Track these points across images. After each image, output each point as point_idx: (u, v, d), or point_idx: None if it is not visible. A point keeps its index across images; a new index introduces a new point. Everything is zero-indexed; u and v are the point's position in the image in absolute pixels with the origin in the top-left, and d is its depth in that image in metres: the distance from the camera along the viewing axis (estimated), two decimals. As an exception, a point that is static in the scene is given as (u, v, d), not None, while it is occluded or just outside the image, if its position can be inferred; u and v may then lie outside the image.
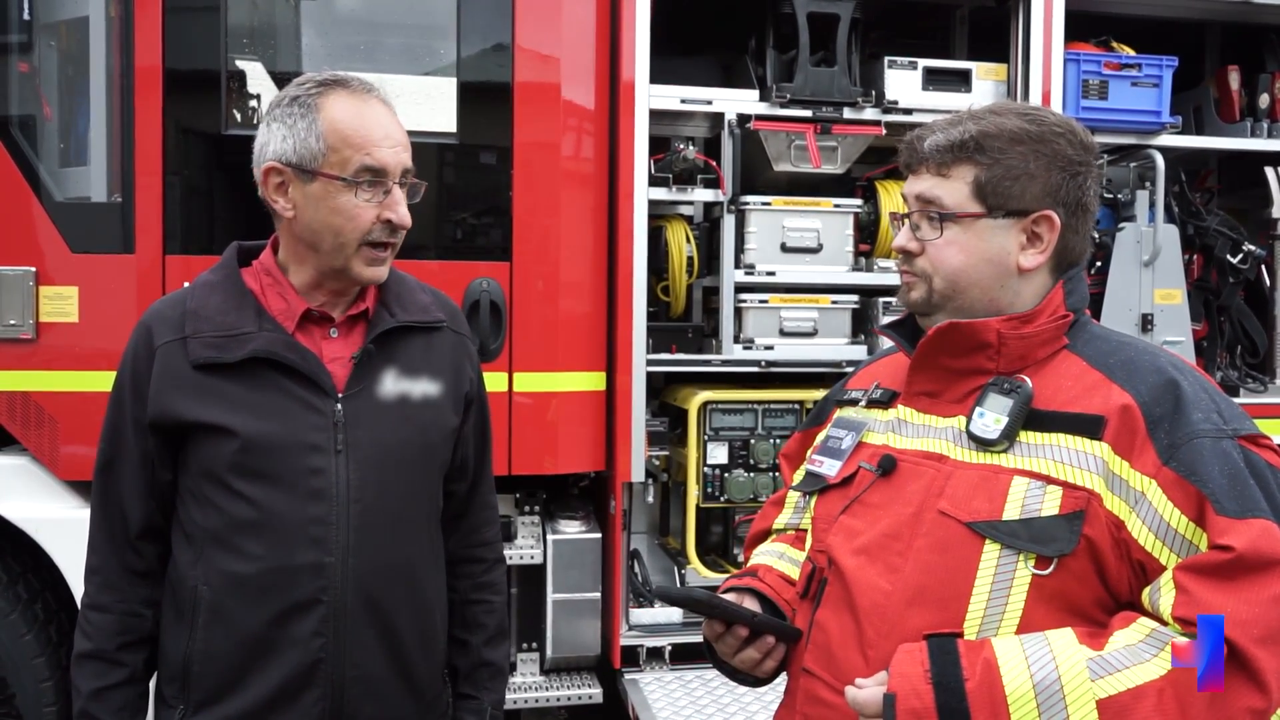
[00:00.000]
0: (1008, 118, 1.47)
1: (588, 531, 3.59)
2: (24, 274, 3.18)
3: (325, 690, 1.65)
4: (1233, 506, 1.25)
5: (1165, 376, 1.36)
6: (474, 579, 1.95)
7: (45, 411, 3.21)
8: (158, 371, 1.66)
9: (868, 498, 1.49)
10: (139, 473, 1.70)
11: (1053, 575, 1.31)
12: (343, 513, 1.66)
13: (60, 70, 3.40)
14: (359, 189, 1.64)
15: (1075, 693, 1.22)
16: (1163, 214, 3.91)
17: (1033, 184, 1.45)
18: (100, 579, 1.73)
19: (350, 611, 1.66)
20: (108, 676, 1.70)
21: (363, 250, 1.68)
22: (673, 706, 3.33)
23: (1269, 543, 1.23)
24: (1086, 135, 1.51)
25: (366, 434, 1.69)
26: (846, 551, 1.46)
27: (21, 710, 3.25)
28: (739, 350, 3.67)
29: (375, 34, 3.50)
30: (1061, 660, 1.24)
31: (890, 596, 1.39)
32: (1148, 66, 3.87)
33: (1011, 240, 1.46)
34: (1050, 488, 1.33)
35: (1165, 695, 1.20)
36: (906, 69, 3.75)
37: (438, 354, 1.82)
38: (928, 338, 1.49)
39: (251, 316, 1.69)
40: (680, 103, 3.62)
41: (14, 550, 3.30)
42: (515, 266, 3.42)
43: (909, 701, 1.27)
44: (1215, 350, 4.16)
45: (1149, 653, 1.23)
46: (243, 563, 1.64)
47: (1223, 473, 1.27)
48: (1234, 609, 1.20)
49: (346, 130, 1.63)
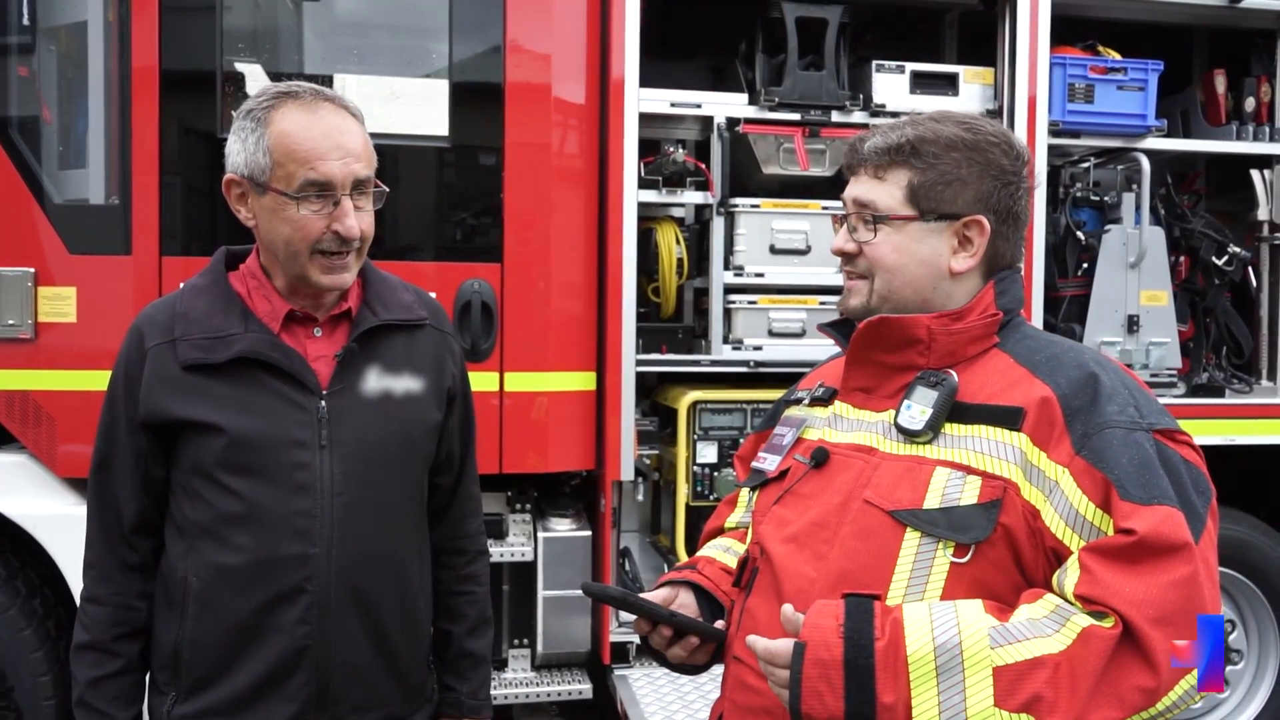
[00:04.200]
0: (946, 125, 1.51)
1: (578, 529, 3.64)
2: (23, 275, 3.23)
3: (310, 675, 1.71)
4: (1138, 493, 1.29)
5: (1086, 371, 1.41)
6: (457, 570, 2.00)
7: (44, 410, 3.26)
8: (149, 373, 1.72)
9: (799, 489, 1.54)
10: (132, 470, 1.76)
11: (970, 563, 1.35)
12: (327, 506, 1.71)
13: (59, 74, 3.45)
14: (303, 203, 1.66)
15: (974, 658, 1.25)
16: (1149, 216, 3.95)
17: (965, 190, 1.49)
18: (96, 573, 1.79)
19: (334, 600, 1.72)
20: (104, 666, 1.76)
21: (315, 258, 1.70)
22: (660, 702, 3.38)
23: (1171, 528, 1.27)
24: (1021, 146, 1.55)
25: (350, 430, 1.74)
26: (777, 540, 1.51)
27: (20, 704, 3.29)
28: (728, 351, 3.71)
29: (369, 36, 3.55)
30: (965, 626, 1.28)
31: (814, 583, 1.42)
32: (1133, 70, 3.90)
33: (943, 243, 1.50)
34: (970, 478, 1.37)
35: (1060, 669, 1.24)
36: (894, 73, 3.80)
37: (420, 351, 1.87)
38: (859, 330, 1.53)
39: (238, 318, 1.74)
40: (670, 106, 3.67)
41: (13, 546, 3.35)
42: (506, 268, 3.46)
43: (818, 651, 1.29)
44: (1201, 351, 4.19)
45: (1051, 627, 1.27)
46: (231, 554, 1.69)
47: (1131, 461, 1.31)
48: (1132, 590, 1.24)
49: (291, 144, 1.65)
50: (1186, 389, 4.03)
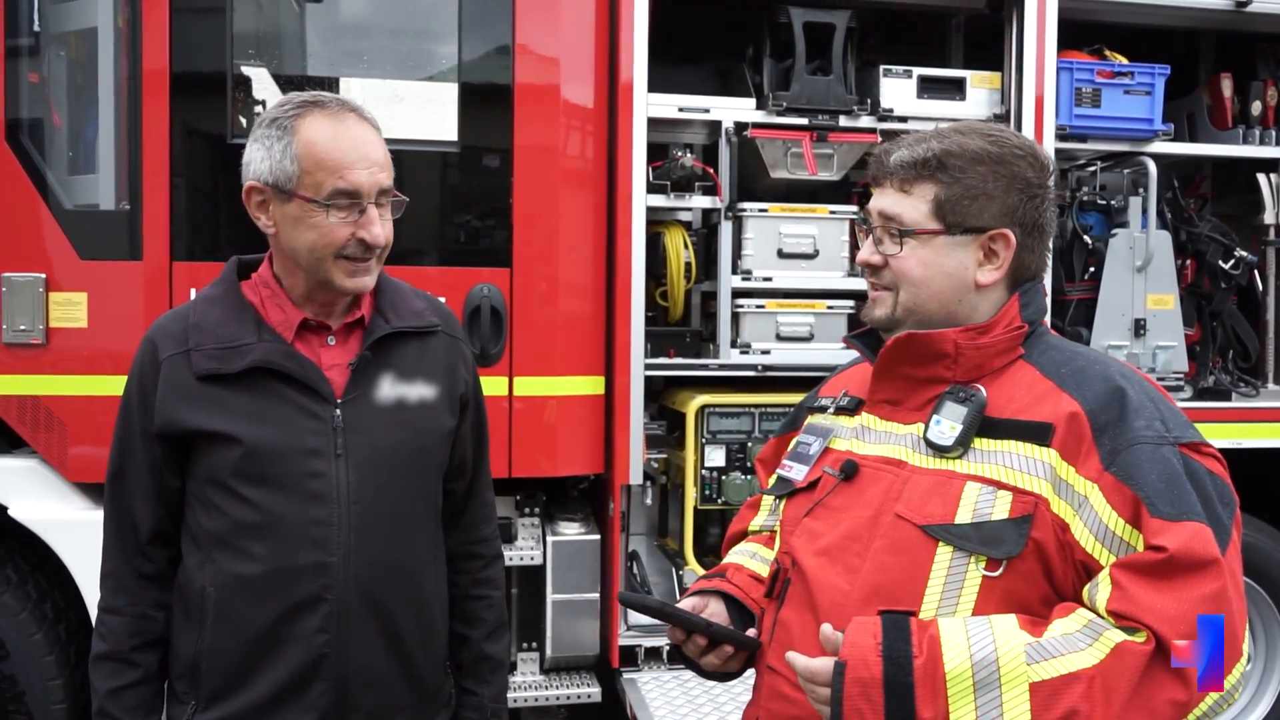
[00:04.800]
0: (972, 138, 1.51)
1: (587, 533, 3.64)
2: (34, 280, 3.23)
3: (330, 684, 1.72)
4: (1167, 509, 1.30)
5: (1113, 385, 1.42)
6: (473, 575, 2.01)
7: (54, 415, 3.26)
8: (163, 384, 1.73)
9: (830, 501, 1.54)
10: (148, 481, 1.76)
11: (1002, 576, 1.36)
12: (343, 514, 1.72)
13: (69, 80, 3.47)
14: (331, 210, 1.68)
15: (1011, 674, 1.27)
16: (1155, 220, 3.95)
17: (991, 204, 1.49)
18: (113, 583, 1.79)
19: (352, 608, 1.72)
20: (123, 676, 1.76)
21: (339, 262, 1.72)
22: (669, 705, 3.39)
23: (1200, 544, 1.29)
24: (1047, 158, 1.56)
25: (364, 438, 1.75)
26: (809, 553, 1.52)
27: (31, 708, 3.30)
28: (736, 355, 3.72)
29: (378, 39, 3.56)
30: (1001, 642, 1.29)
31: (848, 596, 1.44)
32: (1140, 74, 3.92)
33: (969, 256, 1.51)
34: (1001, 493, 1.38)
35: (1095, 683, 1.25)
36: (901, 77, 3.80)
37: (432, 358, 1.88)
38: (887, 347, 1.54)
39: (251, 328, 1.74)
40: (678, 110, 3.68)
41: (22, 550, 3.36)
42: (515, 272, 3.47)
43: (858, 671, 1.31)
44: (1208, 355, 4.20)
45: (1084, 642, 1.29)
46: (248, 564, 1.70)
47: (1160, 477, 1.33)
48: (1163, 606, 1.26)
49: (320, 153, 1.67)
50: (1193, 393, 4.03)
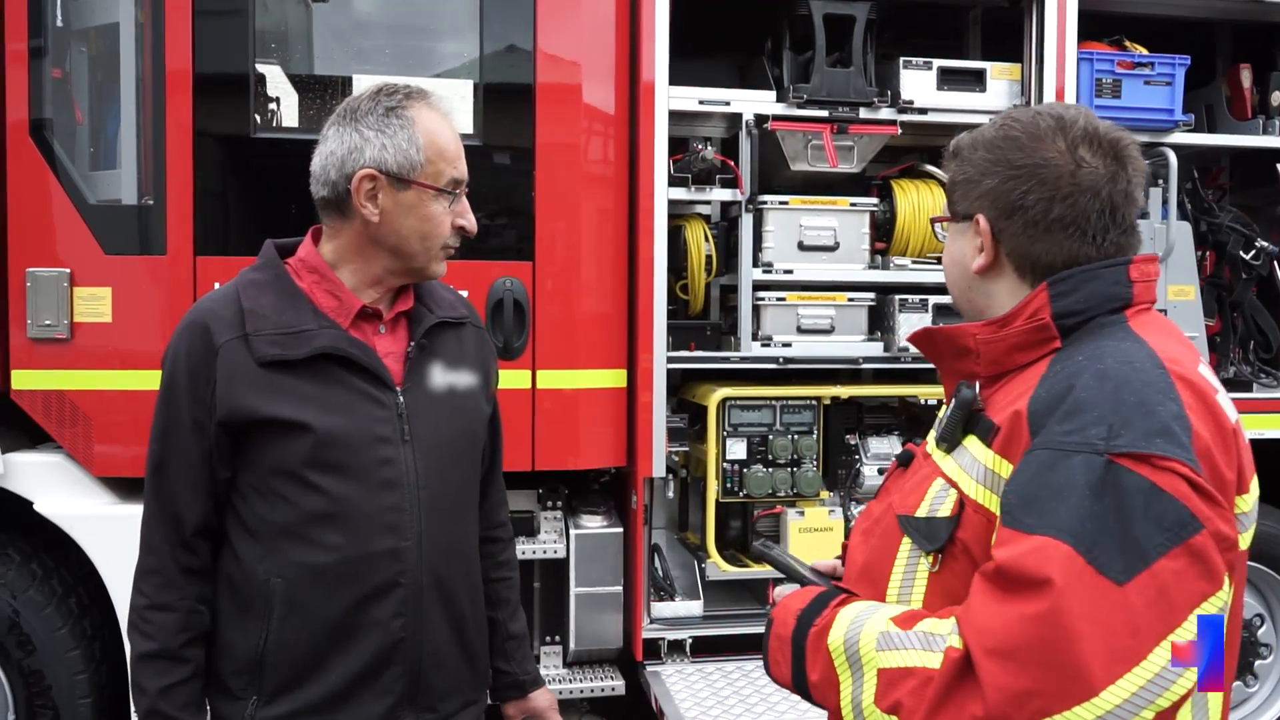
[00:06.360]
0: (992, 124, 1.48)
1: (609, 526, 3.65)
2: (59, 275, 3.25)
3: (405, 667, 1.75)
4: (1025, 520, 1.22)
5: (1069, 384, 1.27)
6: (495, 558, 2.07)
7: (80, 409, 3.27)
8: (224, 370, 1.69)
9: (887, 484, 1.60)
10: (197, 473, 1.72)
11: (940, 572, 1.37)
12: (414, 499, 1.75)
13: (91, 76, 3.47)
14: (445, 197, 1.76)
15: (866, 657, 1.32)
16: (1176, 211, 3.94)
17: (973, 188, 1.45)
18: (160, 579, 1.73)
19: (424, 592, 1.76)
20: (173, 674, 1.72)
21: (441, 251, 1.80)
22: (694, 697, 3.39)
23: (1035, 560, 1.17)
24: (1054, 133, 1.39)
25: (426, 425, 1.78)
26: (856, 531, 1.59)
27: (57, 702, 3.32)
28: (757, 347, 3.71)
29: (401, 37, 3.56)
30: (866, 628, 1.34)
31: (852, 570, 1.53)
32: (1160, 65, 3.91)
33: (967, 243, 1.48)
34: (951, 490, 1.38)
35: (927, 685, 1.22)
36: (921, 69, 3.79)
37: (469, 348, 1.93)
38: (912, 340, 1.58)
39: (309, 314, 1.74)
40: (698, 104, 3.67)
41: (48, 545, 3.37)
42: (538, 266, 3.47)
43: (778, 627, 1.47)
44: (1228, 346, 4.20)
45: (939, 644, 1.25)
46: (320, 553, 1.70)
47: (1032, 485, 1.23)
48: (981, 618, 1.19)
49: (440, 143, 1.75)
50: (1214, 384, 4.01)
